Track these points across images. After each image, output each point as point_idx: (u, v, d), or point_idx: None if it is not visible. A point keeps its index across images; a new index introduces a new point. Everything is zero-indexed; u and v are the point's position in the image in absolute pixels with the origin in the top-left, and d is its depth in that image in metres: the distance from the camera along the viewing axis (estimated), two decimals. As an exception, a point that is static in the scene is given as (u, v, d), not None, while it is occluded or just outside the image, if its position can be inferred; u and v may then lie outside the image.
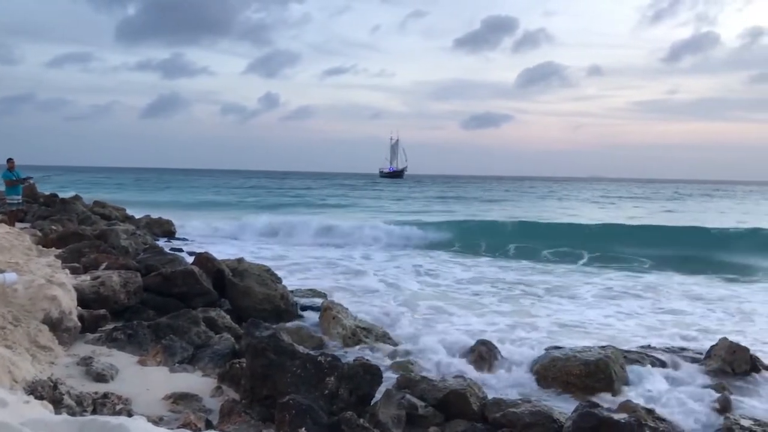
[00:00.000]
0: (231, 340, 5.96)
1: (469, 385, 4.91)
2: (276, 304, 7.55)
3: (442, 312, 8.89)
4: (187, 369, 5.24)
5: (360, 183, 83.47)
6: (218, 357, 5.53)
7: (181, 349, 5.56)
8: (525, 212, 33.21)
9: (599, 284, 12.04)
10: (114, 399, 4.15)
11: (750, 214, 33.90)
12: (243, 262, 8.48)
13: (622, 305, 9.97)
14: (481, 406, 4.75)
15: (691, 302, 10.30)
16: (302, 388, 4.30)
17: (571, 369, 5.68)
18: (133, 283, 6.86)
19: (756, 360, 6.16)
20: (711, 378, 5.94)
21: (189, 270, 7.45)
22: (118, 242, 10.10)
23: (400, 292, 10.37)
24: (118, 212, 18.52)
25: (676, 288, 11.74)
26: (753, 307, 9.94)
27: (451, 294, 10.57)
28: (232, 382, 4.81)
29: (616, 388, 5.58)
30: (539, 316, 8.90)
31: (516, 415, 4.49)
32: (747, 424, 4.46)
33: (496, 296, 10.44)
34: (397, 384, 5.07)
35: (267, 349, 4.43)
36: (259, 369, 4.40)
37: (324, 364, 4.41)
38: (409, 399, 4.63)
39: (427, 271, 13.12)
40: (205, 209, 30.51)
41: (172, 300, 7.09)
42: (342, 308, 7.27)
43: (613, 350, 5.97)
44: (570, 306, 9.85)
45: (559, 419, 4.42)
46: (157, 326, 5.97)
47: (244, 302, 7.48)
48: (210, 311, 6.78)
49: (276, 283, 8.09)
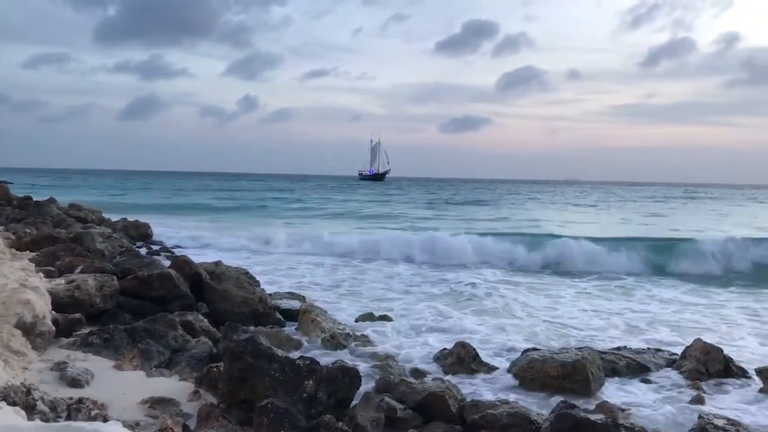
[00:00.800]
0: (209, 343, 5.92)
1: (448, 387, 4.93)
2: (254, 308, 7.51)
3: (422, 314, 8.91)
4: (164, 373, 5.19)
5: (345, 185, 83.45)
6: (196, 361, 5.48)
7: (158, 353, 5.50)
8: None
9: (577, 286, 12.15)
10: (89, 404, 4.10)
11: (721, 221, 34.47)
12: (220, 265, 8.43)
13: (599, 307, 10.07)
14: (459, 407, 4.77)
15: (665, 305, 10.44)
16: (280, 391, 4.28)
17: (548, 370, 5.72)
18: (109, 286, 6.79)
19: (729, 360, 6.26)
20: (685, 378, 6.02)
21: (166, 273, 7.38)
22: (94, 245, 9.99)
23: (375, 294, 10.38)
24: (94, 215, 18.27)
25: (651, 290, 11.89)
26: (725, 310, 10.11)
27: (429, 295, 10.60)
28: (210, 386, 4.77)
29: (593, 389, 5.64)
30: (518, 318, 8.95)
31: (494, 417, 4.51)
32: (720, 424, 4.52)
33: (474, 298, 10.48)
34: (376, 387, 5.07)
35: (245, 352, 4.41)
36: (237, 373, 4.37)
37: (302, 368, 4.40)
38: (388, 402, 4.63)
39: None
40: (197, 213, 29.81)
41: (148, 304, 7.02)
42: (321, 311, 7.26)
43: (589, 351, 6.03)
44: (548, 307, 9.92)
45: (536, 420, 4.45)
46: (134, 330, 5.91)
47: (222, 306, 7.43)
48: (187, 315, 6.73)
49: (254, 286, 8.05)
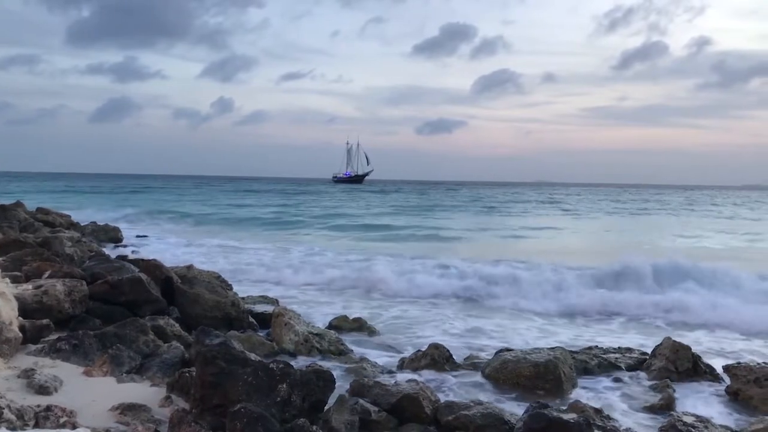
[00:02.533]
0: (180, 348, 5.85)
1: (422, 389, 4.93)
2: (226, 312, 7.44)
3: (397, 317, 8.92)
4: (135, 379, 5.12)
5: (302, 189, 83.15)
6: (167, 366, 5.42)
7: (128, 358, 5.42)
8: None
9: (547, 286, 12.23)
10: (57, 411, 4.02)
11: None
12: (192, 268, 8.34)
13: (570, 306, 10.17)
14: (433, 409, 4.78)
15: (637, 305, 10.57)
16: (254, 396, 4.24)
17: (521, 370, 5.77)
18: (78, 291, 6.67)
19: (697, 358, 6.37)
20: (655, 376, 6.12)
21: (136, 277, 7.28)
22: (63, 250, 9.81)
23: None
24: (63, 219, 17.97)
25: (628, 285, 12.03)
26: (691, 307, 10.28)
27: (404, 298, 10.62)
28: (182, 391, 4.72)
29: (566, 388, 5.70)
30: (491, 318, 9.01)
31: (468, 418, 4.53)
32: (689, 421, 4.60)
33: (448, 300, 10.52)
34: (351, 390, 5.06)
35: (217, 357, 4.36)
36: (210, 377, 4.32)
37: (276, 371, 4.36)
38: (362, 404, 4.63)
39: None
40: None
41: (119, 308, 6.91)
42: (294, 314, 7.21)
43: (561, 351, 6.09)
44: (522, 307, 10.01)
45: (510, 420, 4.48)
46: (104, 335, 5.81)
47: (194, 310, 7.35)
48: (158, 319, 6.64)
49: (226, 290, 7.98)
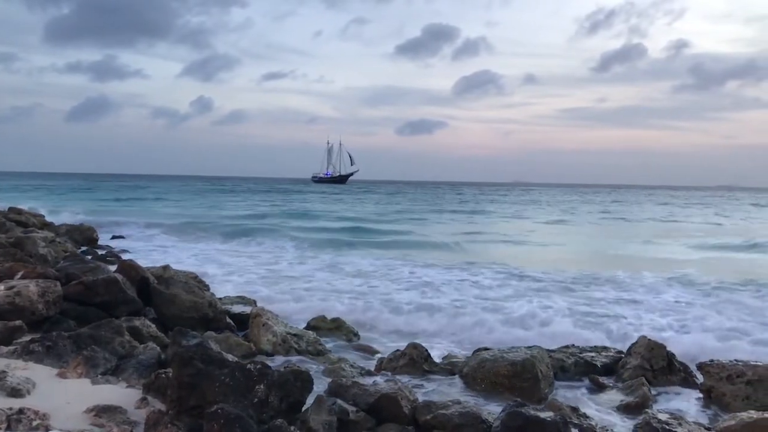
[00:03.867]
0: (157, 349, 5.79)
1: (400, 389, 4.94)
2: (204, 312, 7.38)
3: (374, 316, 8.92)
4: (111, 380, 5.06)
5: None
6: (143, 367, 5.36)
7: (103, 360, 5.36)
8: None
9: (524, 285, 12.33)
10: (30, 414, 3.96)
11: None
12: (169, 269, 8.27)
13: (546, 305, 10.26)
14: (412, 409, 4.79)
15: (613, 305, 10.70)
16: (231, 397, 4.22)
17: (499, 369, 5.81)
18: (51, 292, 6.58)
19: (672, 356, 6.46)
20: (631, 375, 6.18)
21: (112, 278, 7.20)
22: (36, 250, 9.67)
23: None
24: (36, 219, 17.70)
25: (598, 288, 12.18)
26: (664, 306, 10.46)
27: (381, 297, 10.62)
28: (158, 392, 4.67)
29: (543, 387, 5.74)
30: (469, 317, 9.05)
31: (446, 417, 4.54)
32: (664, 418, 4.66)
33: (425, 297, 10.55)
34: (329, 390, 5.05)
35: (194, 357, 4.33)
36: (187, 378, 4.29)
37: (253, 372, 4.34)
38: (340, 404, 4.62)
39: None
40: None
41: (94, 309, 6.83)
42: (272, 315, 7.18)
43: (538, 350, 6.14)
44: (498, 306, 10.07)
45: (487, 419, 4.50)
46: (78, 337, 5.74)
47: (171, 310, 7.28)
48: (134, 320, 6.58)
49: (204, 290, 7.92)
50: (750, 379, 5.63)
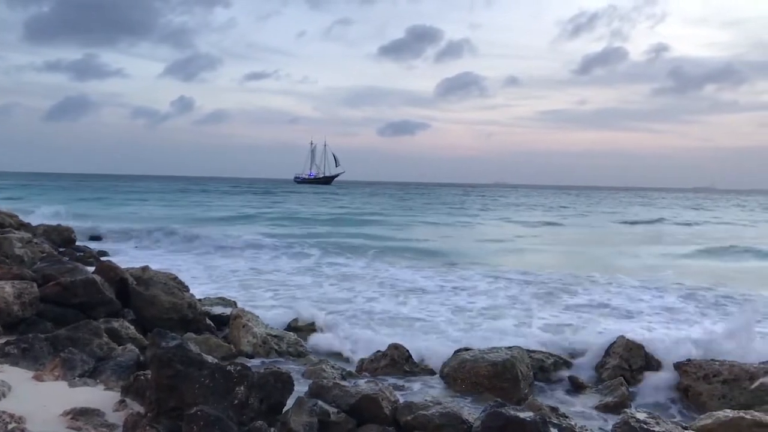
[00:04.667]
0: (135, 351, 5.74)
1: (381, 390, 4.94)
2: (183, 313, 7.32)
3: (355, 317, 8.91)
4: (88, 383, 5.00)
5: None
6: (122, 369, 5.31)
7: (81, 362, 5.29)
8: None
9: (502, 286, 12.39)
10: (5, 418, 3.91)
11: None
12: (148, 270, 8.19)
13: (527, 306, 10.32)
14: (392, 409, 4.79)
15: (592, 306, 10.79)
16: (211, 398, 4.19)
17: (479, 370, 5.83)
18: (28, 293, 6.49)
19: (650, 356, 6.53)
20: (610, 375, 6.24)
21: (90, 279, 7.12)
22: (12, 251, 9.52)
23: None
24: (12, 219, 17.41)
25: (577, 290, 12.28)
26: (639, 306, 10.58)
27: (360, 298, 10.62)
28: (137, 394, 4.63)
29: (523, 387, 5.77)
30: (448, 317, 9.08)
31: (426, 418, 4.55)
32: (642, 417, 4.70)
33: (404, 298, 10.56)
34: (309, 391, 5.03)
35: (173, 359, 4.29)
36: (165, 380, 4.25)
37: (233, 374, 4.32)
38: (321, 406, 4.61)
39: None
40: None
41: (71, 311, 6.75)
42: (252, 316, 7.15)
43: (518, 350, 6.18)
44: (476, 306, 10.11)
45: (468, 420, 4.51)
46: (55, 339, 5.67)
47: (150, 312, 7.21)
48: (113, 322, 6.51)
49: (183, 291, 7.85)
50: (726, 378, 5.71)
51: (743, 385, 5.64)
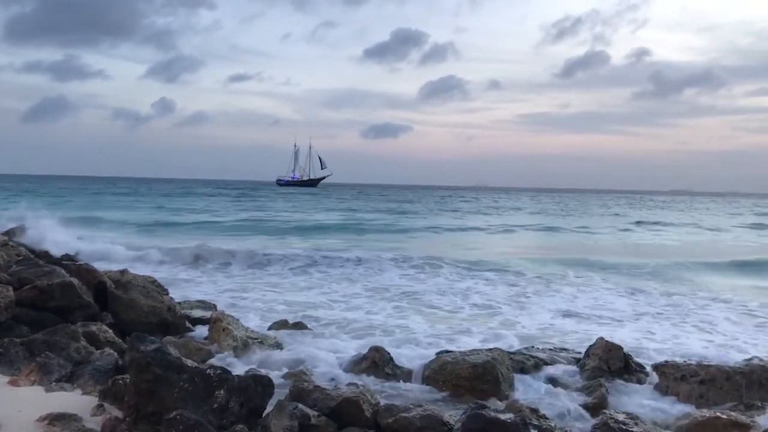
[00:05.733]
0: (114, 355, 5.68)
1: (362, 392, 4.94)
2: (162, 317, 7.26)
3: (335, 320, 8.90)
4: (65, 387, 4.95)
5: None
6: (100, 373, 5.26)
7: (58, 366, 5.23)
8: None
9: (477, 289, 12.41)
10: (-20, 423, 3.85)
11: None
12: (126, 273, 8.11)
13: (504, 308, 10.39)
14: (373, 412, 4.78)
15: (571, 309, 10.87)
16: (190, 402, 4.16)
17: (460, 372, 5.84)
18: (3, 297, 6.39)
19: (629, 358, 6.59)
20: (589, 376, 6.29)
21: (67, 282, 7.03)
22: (-13, 254, 9.38)
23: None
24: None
25: (555, 290, 12.38)
26: (617, 307, 10.69)
27: (340, 302, 10.61)
28: (115, 399, 4.58)
29: (503, 388, 5.80)
30: (428, 321, 9.10)
31: (407, 420, 4.55)
32: (621, 418, 4.74)
33: (387, 301, 10.57)
34: (290, 395, 5.01)
35: (152, 363, 4.26)
36: (144, 384, 4.22)
37: (213, 378, 4.29)
38: (301, 409, 4.59)
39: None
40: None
41: (48, 315, 6.67)
42: (233, 319, 7.10)
43: (499, 352, 6.20)
44: (455, 309, 10.16)
45: (449, 422, 4.52)
46: (32, 343, 5.60)
47: (128, 315, 7.15)
48: (91, 325, 6.44)
49: (162, 294, 7.79)
50: (703, 378, 5.78)
51: (719, 385, 5.71)
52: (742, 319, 10.06)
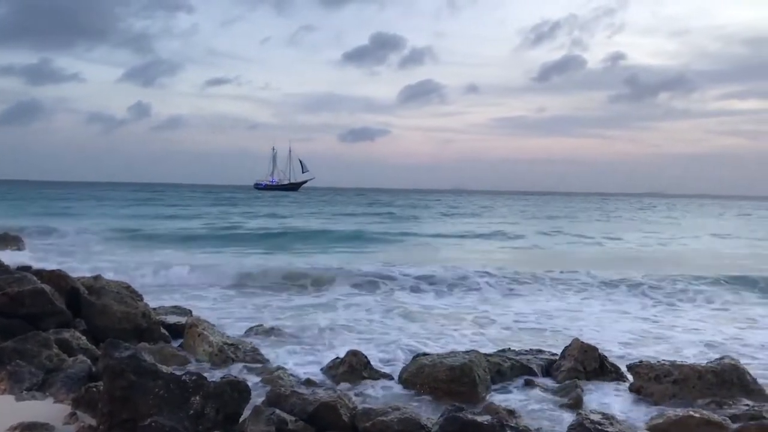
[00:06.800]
0: (87, 362, 5.61)
1: (339, 397, 4.93)
2: (137, 323, 7.17)
3: (312, 325, 8.88)
4: (37, 396, 4.87)
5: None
6: (73, 381, 5.18)
7: (29, 374, 5.15)
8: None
9: (452, 293, 12.43)
10: (-51, 434, 3.77)
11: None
12: (100, 278, 8.00)
13: (481, 310, 10.45)
14: (351, 416, 4.78)
15: (545, 309, 10.97)
16: (165, 409, 4.12)
17: (437, 374, 5.86)
18: (-28, 305, 6.27)
19: (604, 358, 6.66)
20: (565, 377, 6.34)
21: (39, 289, 6.92)
22: (-44, 261, 9.19)
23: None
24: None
25: (530, 290, 12.48)
26: (591, 310, 10.81)
27: (318, 305, 10.59)
28: (89, 407, 4.53)
29: (480, 391, 5.82)
30: (406, 323, 9.13)
31: (385, 424, 4.55)
32: (596, 418, 4.78)
33: (363, 305, 10.57)
34: (267, 400, 4.99)
35: (126, 370, 4.21)
36: (118, 391, 4.17)
37: (188, 383, 4.26)
38: (278, 414, 4.57)
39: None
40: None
41: (19, 322, 6.55)
42: (208, 325, 7.04)
43: (476, 354, 6.23)
44: (432, 312, 10.18)
45: (426, 424, 4.53)
46: (1, 351, 5.50)
47: (102, 322, 7.05)
48: (64, 332, 6.34)
49: (137, 300, 7.69)
50: (676, 378, 5.86)
51: (692, 384, 5.80)
52: (714, 319, 10.24)
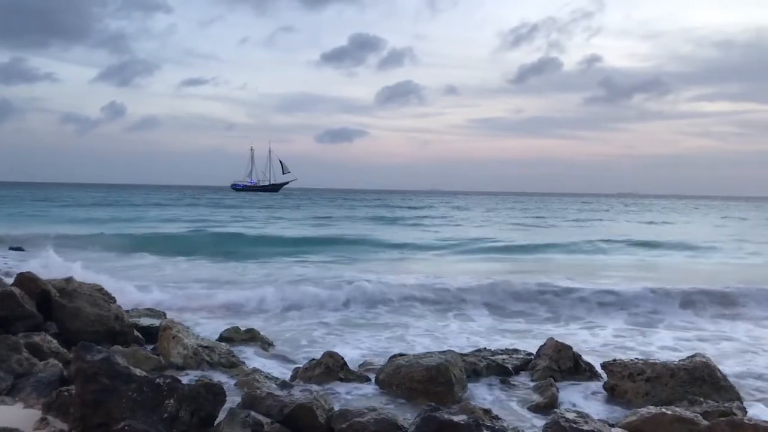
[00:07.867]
0: (59, 366, 5.51)
1: (316, 398, 4.90)
2: (110, 326, 7.07)
3: (290, 327, 8.84)
4: (6, 401, 4.78)
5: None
6: (43, 385, 5.09)
7: (-2, 379, 5.05)
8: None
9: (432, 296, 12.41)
10: None
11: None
12: (72, 281, 7.87)
13: (460, 311, 10.48)
14: (327, 418, 4.76)
15: (524, 310, 11.03)
16: (139, 413, 4.06)
17: (413, 375, 5.87)
18: (-61, 308, 6.14)
19: (578, 357, 6.73)
20: (540, 376, 6.40)
21: (8, 291, 6.79)
22: None
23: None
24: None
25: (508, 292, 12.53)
26: (565, 310, 10.91)
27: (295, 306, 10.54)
28: (60, 411, 4.45)
29: (456, 390, 5.84)
30: (384, 326, 9.13)
31: (361, 425, 4.54)
32: (571, 417, 4.82)
33: (339, 308, 10.55)
34: (242, 402, 4.95)
35: (99, 373, 4.15)
36: (91, 395, 4.10)
37: (162, 386, 4.20)
38: (254, 416, 4.53)
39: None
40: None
41: (-12, 326, 6.42)
42: (183, 327, 6.97)
43: (452, 354, 6.25)
44: (410, 313, 10.19)
45: (403, 425, 4.53)
46: (-31, 356, 5.38)
47: (74, 325, 6.94)
48: (34, 336, 6.22)
49: (109, 303, 7.58)
50: (649, 376, 5.94)
51: (665, 382, 5.88)
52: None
